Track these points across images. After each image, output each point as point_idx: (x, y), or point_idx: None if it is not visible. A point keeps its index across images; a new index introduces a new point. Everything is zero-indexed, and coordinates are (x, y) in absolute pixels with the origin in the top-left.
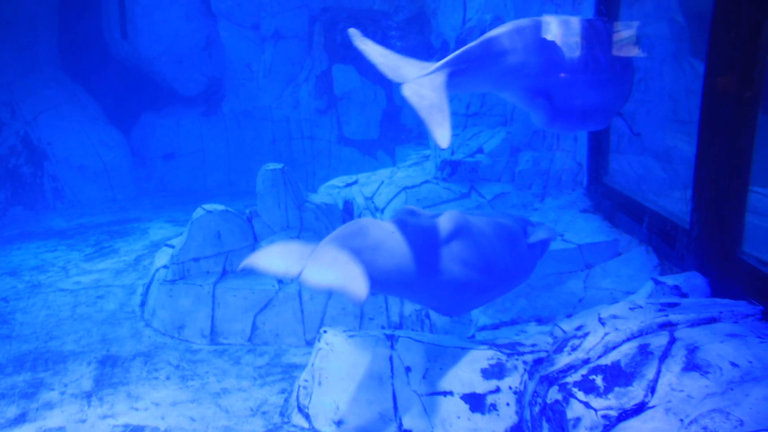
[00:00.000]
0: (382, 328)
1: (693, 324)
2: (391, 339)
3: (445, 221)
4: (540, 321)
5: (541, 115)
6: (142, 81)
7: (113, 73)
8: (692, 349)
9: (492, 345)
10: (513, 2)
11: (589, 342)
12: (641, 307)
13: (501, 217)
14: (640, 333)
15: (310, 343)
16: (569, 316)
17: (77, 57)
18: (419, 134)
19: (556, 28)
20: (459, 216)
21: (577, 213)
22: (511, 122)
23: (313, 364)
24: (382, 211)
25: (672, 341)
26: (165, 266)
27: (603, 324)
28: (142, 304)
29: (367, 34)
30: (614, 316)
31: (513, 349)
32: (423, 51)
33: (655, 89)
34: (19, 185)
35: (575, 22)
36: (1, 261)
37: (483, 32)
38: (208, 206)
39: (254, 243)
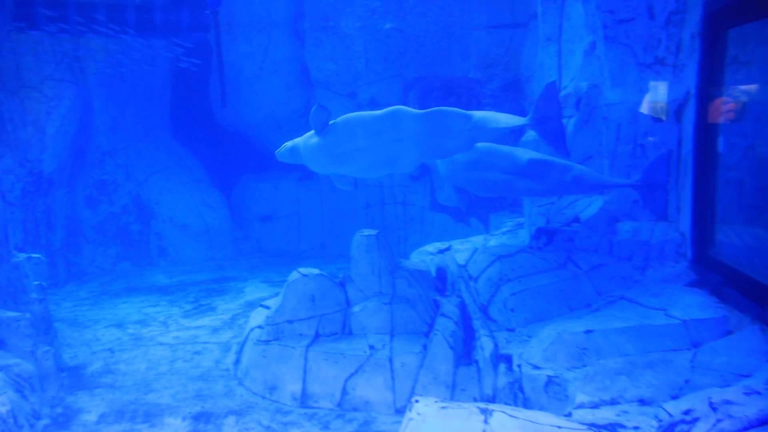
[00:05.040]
0: (475, 400)
1: None
2: (485, 413)
3: None
4: (643, 402)
5: None
6: (244, 146)
7: (217, 138)
8: None
9: (591, 426)
10: (609, 70)
11: (699, 429)
12: (759, 393)
13: None
14: (760, 422)
15: (400, 412)
16: (675, 398)
17: (186, 123)
18: (513, 201)
19: None
20: None
21: (681, 287)
22: (608, 191)
23: None
24: (476, 280)
25: None
26: (260, 326)
27: (714, 410)
28: (236, 362)
29: (461, 102)
30: (727, 402)
31: (614, 431)
32: None
33: (764, 156)
34: (128, 242)
35: None
36: (108, 313)
37: (579, 100)
38: (303, 270)
39: (347, 308)
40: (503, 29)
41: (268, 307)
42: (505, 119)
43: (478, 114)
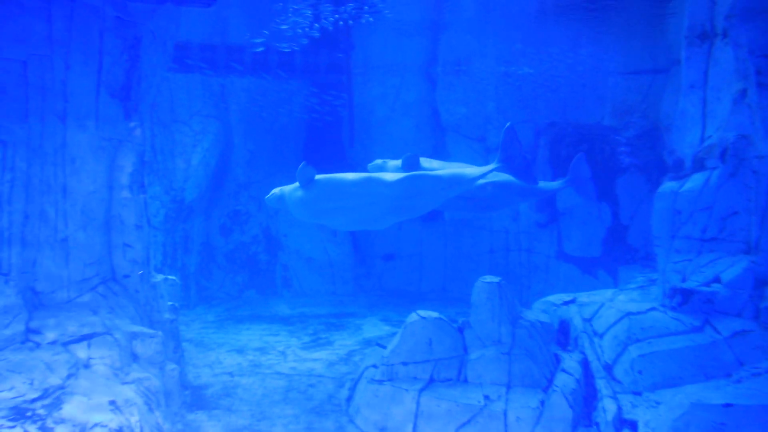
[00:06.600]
0: None
1: None
2: None
3: None
4: None
5: None
6: None
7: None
8: None
9: None
10: (763, 119)
11: None
12: None
13: None
14: None
15: None
16: None
17: (318, 159)
18: (646, 255)
19: None
20: None
21: None
22: (756, 250)
23: None
24: (601, 336)
25: None
26: (374, 365)
27: None
28: (349, 398)
29: (595, 150)
30: None
31: None
32: (654, 168)
33: None
34: (256, 271)
35: None
36: (232, 338)
37: (724, 151)
38: (422, 312)
39: (464, 354)
40: (641, 75)
41: (384, 347)
42: (476, 171)
43: (449, 172)
